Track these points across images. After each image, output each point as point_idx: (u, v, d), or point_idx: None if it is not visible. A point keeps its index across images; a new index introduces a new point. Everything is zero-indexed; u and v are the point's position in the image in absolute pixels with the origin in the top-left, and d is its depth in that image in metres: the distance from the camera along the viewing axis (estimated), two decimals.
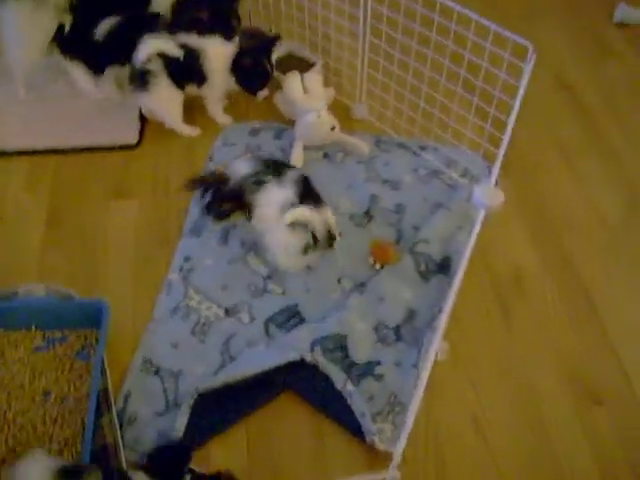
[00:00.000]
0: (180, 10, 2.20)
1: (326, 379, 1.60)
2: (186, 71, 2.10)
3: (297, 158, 2.09)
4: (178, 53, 2.05)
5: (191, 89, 2.15)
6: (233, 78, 2.15)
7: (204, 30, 2.12)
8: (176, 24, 2.17)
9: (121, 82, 2.26)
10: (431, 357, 1.33)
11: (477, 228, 1.26)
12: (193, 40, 2.10)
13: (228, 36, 2.14)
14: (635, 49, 2.60)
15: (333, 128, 2.10)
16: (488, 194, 1.25)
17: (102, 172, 2.11)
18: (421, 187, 2.05)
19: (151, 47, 2.02)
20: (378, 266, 1.85)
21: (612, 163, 2.17)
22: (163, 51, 2.03)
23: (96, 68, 2.21)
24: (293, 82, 2.15)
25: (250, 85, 2.19)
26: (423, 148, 2.15)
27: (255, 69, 2.15)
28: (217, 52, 2.12)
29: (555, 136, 2.25)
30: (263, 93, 2.28)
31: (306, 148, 2.12)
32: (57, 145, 2.18)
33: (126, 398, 1.60)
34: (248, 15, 2.43)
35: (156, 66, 2.04)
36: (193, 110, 2.23)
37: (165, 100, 2.13)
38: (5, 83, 2.34)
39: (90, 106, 2.29)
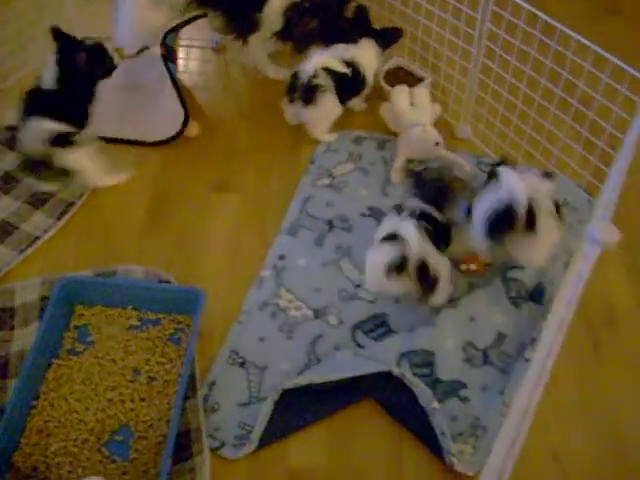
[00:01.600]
0: (291, 20, 2.21)
1: (410, 393, 1.59)
2: (352, 86, 2.14)
3: (398, 169, 2.10)
4: (345, 69, 2.07)
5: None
6: None
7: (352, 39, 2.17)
8: (288, 35, 2.22)
9: None
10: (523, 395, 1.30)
11: (587, 267, 1.22)
12: (348, 52, 2.13)
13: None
14: None
15: (437, 144, 2.10)
16: (605, 230, 1.22)
17: (206, 166, 2.17)
18: None
19: (319, 62, 2.04)
20: (473, 267, 1.84)
21: None
22: (329, 67, 2.05)
23: None
24: (401, 95, 2.17)
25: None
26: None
27: None
28: (370, 58, 2.16)
29: None
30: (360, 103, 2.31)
31: (408, 161, 2.13)
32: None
33: (210, 386, 1.64)
34: None
35: (324, 81, 2.05)
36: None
37: (329, 114, 2.16)
38: None
39: None
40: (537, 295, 1.82)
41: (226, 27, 2.27)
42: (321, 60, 2.06)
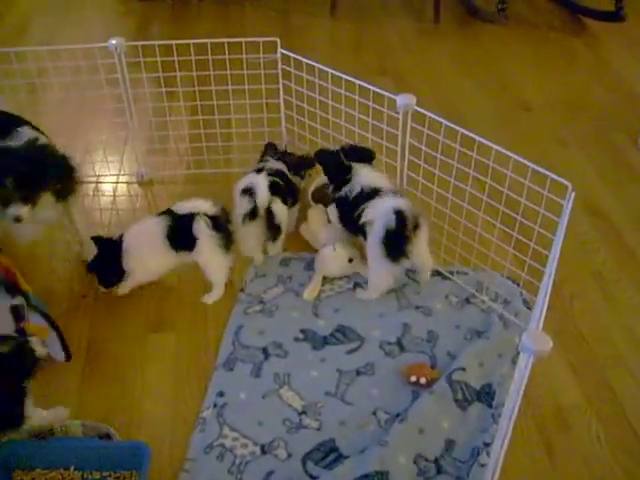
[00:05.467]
0: None
1: None
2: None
3: (312, 289, 2.13)
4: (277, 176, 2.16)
5: None
6: None
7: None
8: None
9: None
10: None
11: (525, 374, 1.24)
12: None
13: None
14: None
15: (351, 260, 2.14)
16: (536, 339, 1.24)
17: (140, 303, 2.13)
18: (453, 313, 2.08)
19: (264, 182, 2.10)
20: (423, 380, 1.85)
21: None
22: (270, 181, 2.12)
23: None
24: (315, 215, 2.25)
25: None
26: (452, 273, 2.18)
27: None
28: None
29: (589, 263, 2.26)
30: None
31: (335, 278, 2.17)
32: None
33: None
34: (284, 148, 2.48)
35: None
36: None
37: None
38: None
39: None
40: (485, 396, 1.83)
41: None
42: (263, 180, 2.10)
